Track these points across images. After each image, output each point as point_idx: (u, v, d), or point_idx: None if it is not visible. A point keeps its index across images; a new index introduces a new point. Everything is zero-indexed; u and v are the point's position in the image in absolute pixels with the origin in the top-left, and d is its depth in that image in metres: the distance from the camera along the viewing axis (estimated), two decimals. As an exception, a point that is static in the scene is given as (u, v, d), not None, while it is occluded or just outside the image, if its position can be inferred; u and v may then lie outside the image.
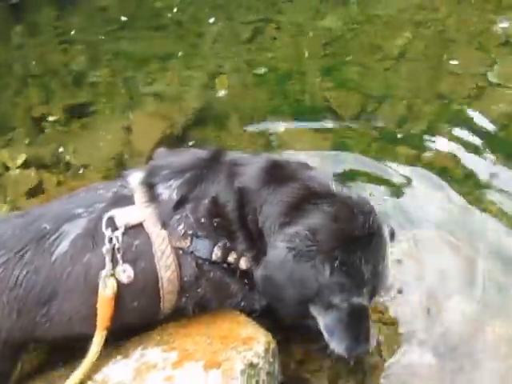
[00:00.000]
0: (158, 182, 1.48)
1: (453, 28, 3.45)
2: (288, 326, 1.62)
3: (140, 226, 1.43)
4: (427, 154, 2.53)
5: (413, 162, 2.50)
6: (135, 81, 3.54)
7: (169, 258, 1.42)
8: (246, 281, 1.49)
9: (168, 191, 1.45)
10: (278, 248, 1.34)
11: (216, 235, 1.43)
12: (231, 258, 1.44)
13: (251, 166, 1.50)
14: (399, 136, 2.72)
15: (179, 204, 1.44)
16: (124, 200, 1.47)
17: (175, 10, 4.25)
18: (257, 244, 1.44)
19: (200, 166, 1.49)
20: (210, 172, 1.48)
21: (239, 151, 1.78)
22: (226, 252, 1.43)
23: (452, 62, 3.13)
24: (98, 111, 3.33)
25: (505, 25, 3.34)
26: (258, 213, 1.43)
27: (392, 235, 1.49)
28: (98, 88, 3.57)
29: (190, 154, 1.56)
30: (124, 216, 1.43)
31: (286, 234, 1.35)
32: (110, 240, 1.40)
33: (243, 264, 1.45)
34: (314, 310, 1.42)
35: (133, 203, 1.46)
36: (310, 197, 1.40)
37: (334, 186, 1.43)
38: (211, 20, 4.01)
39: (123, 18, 4.21)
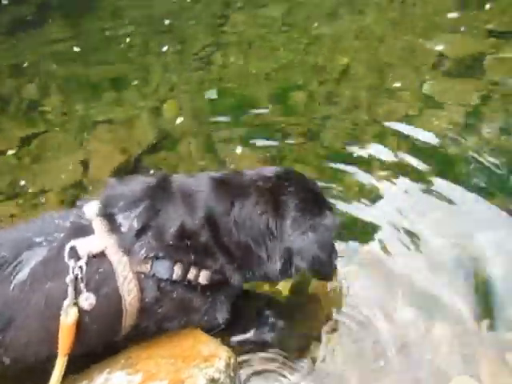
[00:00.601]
0: (116, 212, 1.55)
1: (389, 50, 3.67)
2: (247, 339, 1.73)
3: (102, 254, 1.50)
4: (369, 174, 2.68)
5: (357, 181, 2.65)
6: (89, 109, 3.61)
7: (131, 282, 1.49)
8: (208, 294, 1.59)
9: (128, 221, 1.53)
10: (328, 216, 1.66)
11: (177, 255, 1.52)
12: (191, 274, 1.53)
13: (203, 187, 1.61)
14: (344, 156, 2.86)
15: (141, 231, 1.51)
16: (83, 230, 1.53)
17: (128, 39, 4.34)
18: (236, 256, 1.59)
19: (154, 194, 1.58)
20: (166, 198, 1.57)
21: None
22: (186, 270, 1.52)
23: (390, 83, 3.32)
24: (51, 140, 3.37)
25: (436, 46, 3.59)
26: (236, 230, 1.58)
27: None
28: (52, 117, 3.61)
29: (140, 183, 1.63)
30: (86, 246, 1.49)
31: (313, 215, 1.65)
32: (73, 270, 1.45)
33: (203, 279, 1.55)
34: None
35: (92, 233, 1.52)
36: (276, 192, 1.64)
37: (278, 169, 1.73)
38: (164, 48, 4.14)
39: (76, 49, 4.27)
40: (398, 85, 3.29)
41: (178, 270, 1.52)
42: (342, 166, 2.72)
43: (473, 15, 3.91)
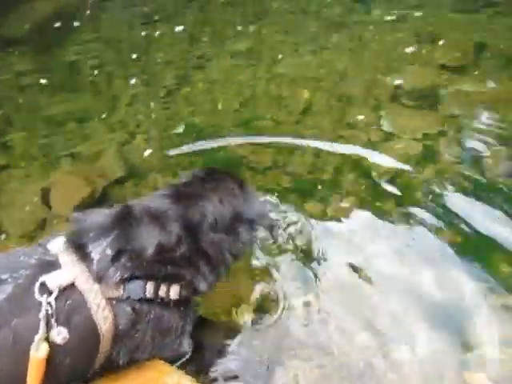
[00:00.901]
0: (85, 243, 1.56)
1: (349, 84, 3.82)
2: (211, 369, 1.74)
3: (72, 285, 1.49)
4: (330, 202, 2.76)
5: (318, 209, 2.72)
6: (54, 142, 3.60)
7: (105, 309, 1.49)
8: (180, 311, 1.63)
9: (99, 249, 1.53)
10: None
11: (149, 273, 1.55)
12: (162, 291, 1.56)
13: (166, 208, 1.67)
14: (308, 186, 2.95)
15: (116, 257, 1.53)
16: (50, 265, 1.53)
17: (96, 72, 4.39)
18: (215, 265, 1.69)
19: (122, 221, 1.60)
20: (135, 223, 1.60)
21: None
22: (157, 286, 1.55)
23: (350, 115, 3.46)
24: (14, 174, 3.35)
25: (394, 79, 3.76)
26: (211, 239, 1.69)
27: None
28: (15, 150, 3.59)
29: (104, 214, 1.65)
30: (55, 279, 1.48)
31: None
32: (44, 305, 1.44)
33: (174, 294, 1.58)
34: None
35: (60, 267, 1.52)
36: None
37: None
38: (131, 81, 4.19)
39: (42, 81, 4.29)
40: (357, 117, 3.41)
41: (150, 288, 1.54)
42: (304, 194, 2.80)
43: (427, 50, 4.13)
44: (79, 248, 1.54)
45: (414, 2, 5.01)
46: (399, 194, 2.78)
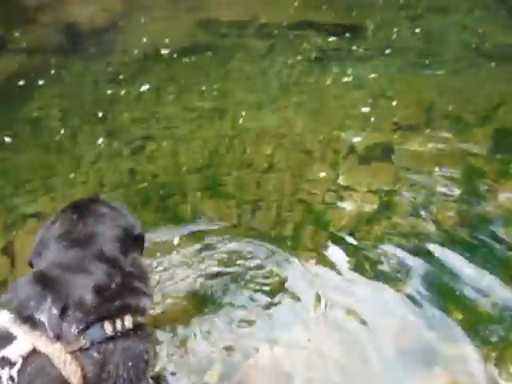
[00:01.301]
0: (30, 313, 1.56)
1: (308, 141, 4.00)
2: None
3: (33, 351, 1.49)
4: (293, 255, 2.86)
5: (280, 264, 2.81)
6: (17, 201, 3.60)
7: (71, 364, 1.49)
8: (140, 334, 1.66)
9: (45, 313, 1.55)
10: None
11: (102, 313, 1.58)
12: (118, 325, 1.59)
13: (74, 255, 1.73)
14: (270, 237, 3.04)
15: (62, 313, 1.54)
16: (5, 339, 1.52)
17: (61, 130, 4.44)
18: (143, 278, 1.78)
19: (47, 284, 1.62)
20: (61, 279, 1.63)
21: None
22: (113, 323, 1.58)
23: (309, 171, 3.61)
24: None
25: (350, 137, 3.96)
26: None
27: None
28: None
29: (29, 285, 1.66)
30: (14, 351, 1.49)
31: None
32: (7, 378, 1.44)
33: (129, 323, 1.61)
34: None
35: (15, 338, 1.52)
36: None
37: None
38: (96, 139, 4.26)
39: (7, 139, 4.32)
40: (316, 173, 3.57)
41: (108, 327, 1.57)
42: (268, 246, 2.88)
43: (382, 110, 4.38)
44: (27, 319, 1.55)
45: (369, 65, 5.34)
46: (357, 246, 2.89)
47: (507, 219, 3.01)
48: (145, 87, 5.12)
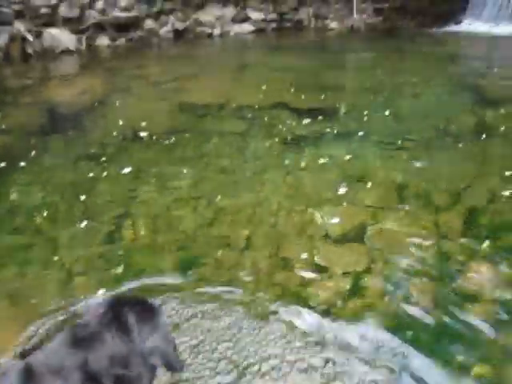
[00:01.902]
0: None
1: (284, 221, 4.07)
2: None
3: None
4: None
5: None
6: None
7: None
8: None
9: None
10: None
11: None
12: None
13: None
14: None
15: None
16: None
17: (38, 212, 4.43)
18: None
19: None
20: None
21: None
22: None
23: (285, 253, 3.65)
24: None
25: (326, 217, 4.05)
26: None
27: None
28: None
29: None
30: None
31: None
32: None
33: None
34: None
35: None
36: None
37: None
38: (73, 221, 4.25)
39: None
40: (292, 254, 3.60)
41: None
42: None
43: (355, 190, 4.52)
44: None
45: (343, 147, 5.56)
46: (333, 325, 2.88)
47: (476, 299, 3.06)
48: (123, 168, 5.21)
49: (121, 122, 6.67)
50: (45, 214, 4.38)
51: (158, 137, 6.10)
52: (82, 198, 4.64)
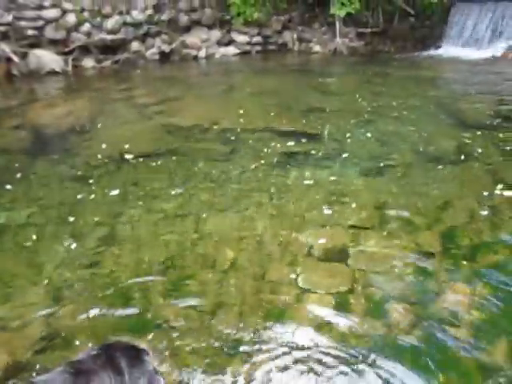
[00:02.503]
0: None
1: (268, 243, 4.15)
2: None
3: None
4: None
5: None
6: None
7: None
8: None
9: None
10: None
11: None
12: None
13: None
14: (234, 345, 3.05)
15: None
16: None
17: (25, 234, 4.45)
18: None
19: None
20: None
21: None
22: None
23: (269, 273, 3.72)
24: None
25: (309, 239, 4.14)
26: None
27: None
28: None
29: None
30: None
31: None
32: None
33: None
34: None
35: None
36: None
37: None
38: (59, 243, 4.27)
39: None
40: (276, 276, 3.67)
41: None
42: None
43: (339, 212, 4.62)
44: None
45: (327, 169, 5.69)
46: (319, 346, 2.95)
47: (454, 320, 3.15)
48: (109, 190, 5.25)
49: (106, 144, 6.73)
50: (31, 237, 4.40)
51: (144, 159, 6.17)
52: (69, 219, 4.67)
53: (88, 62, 12.93)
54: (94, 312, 3.39)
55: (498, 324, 3.08)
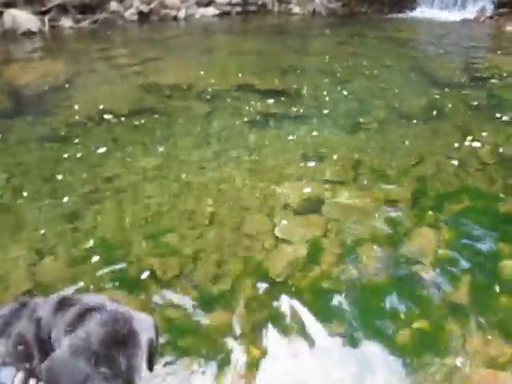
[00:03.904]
0: None
1: (246, 196, 4.29)
2: None
3: None
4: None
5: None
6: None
7: None
8: None
9: None
10: (63, 346, 1.63)
11: (20, 361, 1.68)
12: (32, 382, 1.68)
13: (46, 304, 1.81)
14: (213, 294, 3.21)
15: None
16: None
17: (6, 193, 4.52)
18: None
19: (9, 313, 1.79)
20: (17, 316, 1.77)
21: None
22: (27, 379, 1.67)
23: (247, 225, 3.87)
24: None
25: (285, 191, 4.29)
26: (50, 333, 1.71)
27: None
28: None
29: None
30: None
31: (69, 337, 1.65)
32: None
33: None
34: None
35: None
36: (86, 312, 1.72)
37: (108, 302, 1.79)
38: (38, 199, 4.35)
39: None
40: (254, 227, 3.83)
41: (19, 378, 1.66)
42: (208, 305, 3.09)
43: (315, 166, 4.77)
44: None
45: (304, 126, 5.80)
46: (293, 292, 3.13)
47: (422, 259, 3.37)
48: (89, 150, 5.30)
49: (85, 105, 6.73)
50: (10, 194, 4.47)
51: (124, 118, 6.20)
52: (49, 178, 4.74)
53: (65, 22, 12.69)
54: (76, 264, 3.51)
55: (460, 264, 3.30)
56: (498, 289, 3.06)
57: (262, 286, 3.22)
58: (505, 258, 3.32)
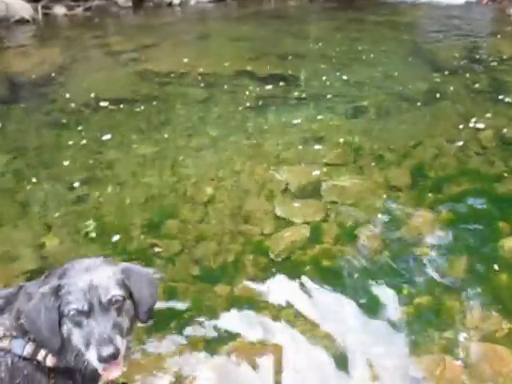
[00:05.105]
0: None
1: (246, 180, 4.31)
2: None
3: None
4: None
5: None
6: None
7: None
8: (52, 377, 1.76)
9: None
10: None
11: (23, 333, 1.72)
12: (40, 355, 1.72)
13: (36, 282, 1.85)
14: (215, 273, 3.24)
15: None
16: None
17: (7, 177, 4.52)
18: None
19: (9, 294, 1.83)
20: (17, 294, 1.81)
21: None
22: (36, 350, 1.72)
23: (247, 207, 3.89)
24: None
25: (284, 175, 4.30)
26: None
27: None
28: None
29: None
30: None
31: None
32: None
33: (49, 362, 1.73)
34: (66, 330, 1.70)
35: None
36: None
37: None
38: (39, 183, 4.35)
39: None
40: (254, 209, 3.85)
41: (28, 348, 1.71)
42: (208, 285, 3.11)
43: (314, 150, 4.77)
44: None
45: (303, 111, 5.80)
46: (289, 268, 3.19)
47: (422, 240, 3.41)
48: (86, 136, 5.28)
49: (82, 91, 6.70)
50: (8, 177, 4.47)
51: (120, 105, 6.18)
52: (47, 158, 4.73)
53: (59, 10, 12.59)
54: (79, 243, 3.53)
55: (458, 244, 3.33)
56: (496, 267, 3.08)
57: (263, 262, 3.26)
58: (504, 237, 3.34)
